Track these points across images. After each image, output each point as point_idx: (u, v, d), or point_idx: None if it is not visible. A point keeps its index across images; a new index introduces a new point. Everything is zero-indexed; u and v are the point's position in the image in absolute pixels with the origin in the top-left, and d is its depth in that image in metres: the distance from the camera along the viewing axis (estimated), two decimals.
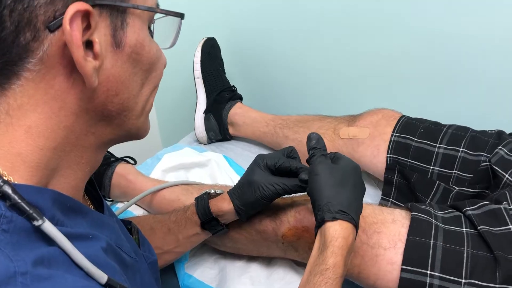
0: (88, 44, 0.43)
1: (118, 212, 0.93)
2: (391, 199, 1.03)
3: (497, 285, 0.68)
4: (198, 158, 1.16)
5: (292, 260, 0.89)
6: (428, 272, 0.70)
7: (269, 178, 0.76)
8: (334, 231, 0.62)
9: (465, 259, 0.70)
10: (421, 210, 0.78)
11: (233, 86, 1.37)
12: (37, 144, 0.44)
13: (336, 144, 1.10)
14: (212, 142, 1.37)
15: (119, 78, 0.47)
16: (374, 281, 0.75)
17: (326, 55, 1.32)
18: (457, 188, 0.91)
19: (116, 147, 0.57)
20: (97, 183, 1.00)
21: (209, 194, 0.83)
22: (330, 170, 0.67)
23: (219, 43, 1.39)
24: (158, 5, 0.51)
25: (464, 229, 0.74)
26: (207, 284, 0.88)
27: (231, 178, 1.12)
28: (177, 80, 1.47)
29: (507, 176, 0.84)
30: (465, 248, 0.71)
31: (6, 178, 0.42)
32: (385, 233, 0.76)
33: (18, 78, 0.42)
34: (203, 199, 0.81)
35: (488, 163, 0.88)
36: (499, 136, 0.93)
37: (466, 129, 0.98)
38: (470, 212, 0.76)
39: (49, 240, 0.42)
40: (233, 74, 1.44)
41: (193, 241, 0.83)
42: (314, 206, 0.66)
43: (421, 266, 0.71)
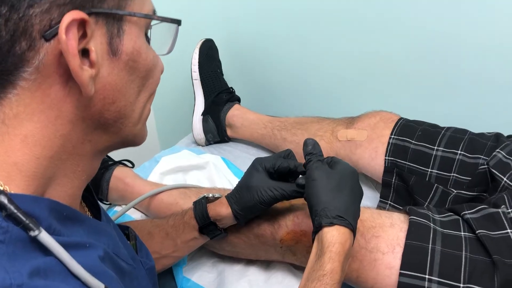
0: (84, 52, 0.43)
1: (116, 216, 0.93)
2: (389, 202, 1.03)
3: None
4: (196, 161, 1.16)
5: (290, 264, 0.89)
6: (427, 276, 0.70)
7: (268, 183, 0.76)
8: (331, 237, 0.62)
9: (463, 263, 0.70)
10: (419, 214, 0.78)
11: (231, 87, 1.36)
12: (34, 153, 0.44)
13: (334, 146, 1.10)
14: (210, 144, 1.36)
15: (115, 86, 0.46)
16: (372, 286, 0.75)
17: (324, 56, 1.31)
18: (455, 191, 0.91)
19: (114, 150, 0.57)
20: (95, 187, 1.01)
21: (207, 198, 0.82)
22: (327, 175, 0.67)
23: (217, 45, 1.38)
24: (155, 11, 0.51)
25: (462, 233, 0.74)
26: None
27: (229, 181, 1.12)
28: (175, 82, 1.47)
29: (505, 179, 0.84)
30: (464, 253, 0.71)
31: (2, 188, 0.41)
32: (383, 238, 0.75)
33: (14, 87, 0.42)
34: (201, 203, 0.80)
35: (486, 166, 0.88)
36: (497, 139, 0.93)
37: (464, 132, 0.97)
38: (468, 216, 0.76)
39: (45, 250, 0.41)
40: (231, 76, 1.44)
41: (191, 246, 0.83)
42: (311, 212, 0.66)
43: (420, 270, 0.71)
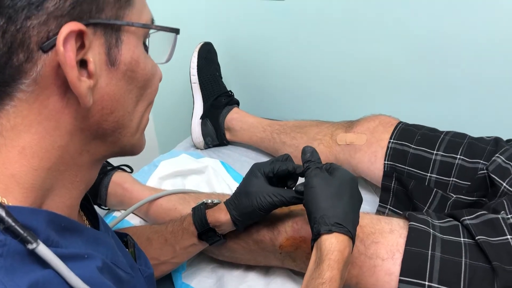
0: (82, 63, 0.43)
1: (114, 222, 0.92)
2: (388, 206, 1.02)
3: None
4: (195, 165, 1.16)
5: (290, 269, 0.88)
6: (426, 283, 0.70)
7: (267, 189, 0.76)
8: (330, 244, 0.62)
9: (463, 270, 0.70)
10: (418, 219, 0.77)
11: (230, 91, 1.36)
12: (31, 165, 0.43)
13: (334, 150, 1.10)
14: (209, 147, 1.36)
15: (114, 96, 0.46)
16: None
17: (323, 60, 1.31)
18: (455, 196, 0.91)
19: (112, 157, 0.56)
20: (94, 192, 1.00)
21: (206, 204, 0.82)
22: (326, 182, 0.67)
23: (215, 48, 1.38)
24: (153, 20, 0.51)
25: (462, 239, 0.74)
26: None
27: (228, 185, 1.11)
28: (174, 85, 1.46)
29: (504, 184, 0.84)
30: (463, 259, 0.71)
31: (0, 200, 0.41)
32: (383, 244, 0.75)
33: (11, 99, 0.42)
34: (200, 209, 0.80)
35: (485, 171, 0.88)
36: (496, 143, 0.93)
37: (463, 136, 0.97)
38: (468, 221, 0.76)
39: (43, 263, 0.41)
40: (230, 79, 1.44)
41: (190, 252, 0.83)
42: (310, 219, 0.66)
43: (419, 277, 0.71)
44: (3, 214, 0.39)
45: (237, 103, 1.37)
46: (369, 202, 1.08)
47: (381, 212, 1.03)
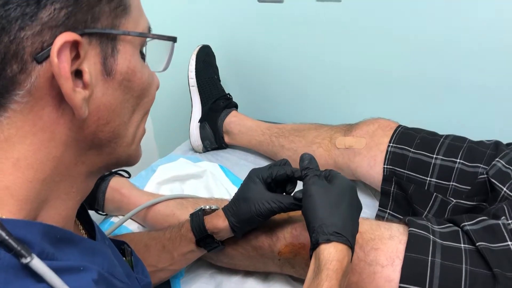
0: (78, 73, 0.42)
1: (112, 227, 0.92)
2: (388, 211, 1.02)
3: None
4: (193, 170, 1.15)
5: (289, 275, 0.88)
6: None
7: (265, 195, 0.75)
8: (328, 254, 0.61)
9: (463, 276, 0.69)
10: (418, 225, 0.77)
11: (228, 94, 1.36)
12: (26, 177, 0.43)
13: (333, 154, 1.10)
14: (208, 151, 1.35)
15: (110, 106, 0.45)
16: None
17: (322, 63, 1.31)
18: (455, 201, 0.91)
19: (108, 171, 0.56)
20: (91, 198, 1.00)
21: (204, 210, 0.82)
22: (324, 190, 0.66)
23: (214, 51, 1.38)
24: (150, 28, 0.50)
25: (462, 245, 0.73)
26: None
27: (227, 189, 1.11)
28: (172, 89, 1.46)
29: (504, 189, 0.83)
30: (464, 265, 0.70)
31: None
32: (382, 250, 0.75)
33: (5, 110, 0.41)
34: (198, 215, 0.79)
35: (485, 175, 0.87)
36: (497, 147, 0.92)
37: (463, 140, 0.97)
38: (468, 227, 0.76)
39: (38, 277, 0.40)
40: (228, 82, 1.43)
41: (188, 258, 0.82)
42: (309, 228, 0.65)
43: (419, 283, 0.70)
44: None
45: (235, 106, 1.36)
46: (368, 206, 1.08)
47: (380, 216, 1.02)
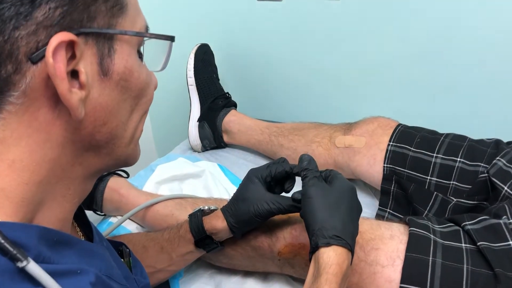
0: (74, 74, 0.41)
1: (111, 228, 0.91)
2: (388, 210, 1.01)
3: None
4: (192, 169, 1.14)
5: (288, 275, 0.87)
6: None
7: (264, 196, 0.74)
8: (328, 258, 0.60)
9: (464, 276, 0.69)
10: (419, 225, 0.76)
11: (227, 93, 1.35)
12: (22, 179, 0.42)
13: (332, 153, 1.09)
14: (207, 150, 1.35)
15: (106, 107, 0.45)
16: None
17: (322, 61, 1.30)
18: (455, 200, 0.90)
19: (106, 172, 0.55)
20: (89, 198, 0.99)
21: (202, 211, 0.81)
22: (323, 193, 0.65)
23: (212, 49, 1.37)
24: (147, 27, 0.49)
25: (463, 245, 0.73)
26: None
27: (226, 189, 1.10)
28: (170, 88, 1.45)
29: (506, 188, 0.83)
30: (465, 265, 0.70)
31: None
32: (383, 250, 0.74)
33: (0, 112, 0.40)
34: (197, 216, 0.79)
35: (486, 174, 0.87)
36: (497, 146, 0.92)
37: (463, 138, 0.96)
38: (469, 227, 0.75)
39: (34, 281, 0.40)
40: (227, 81, 1.43)
41: (187, 259, 0.82)
42: (308, 231, 0.65)
43: (420, 284, 0.69)
44: None
45: (234, 105, 1.35)
46: (368, 205, 1.07)
47: (380, 216, 1.02)
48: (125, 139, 0.49)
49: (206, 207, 0.83)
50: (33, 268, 0.39)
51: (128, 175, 1.05)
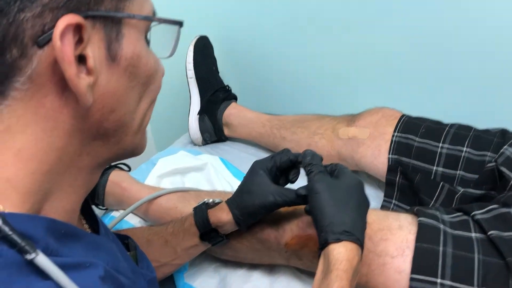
0: (81, 59, 0.40)
1: (113, 222, 0.90)
2: (393, 201, 1.00)
3: None
4: (194, 162, 1.13)
5: (295, 267, 0.86)
6: (439, 280, 0.68)
7: (270, 188, 0.73)
8: (338, 254, 0.59)
9: (476, 266, 0.68)
10: (427, 214, 0.75)
11: (227, 85, 1.33)
12: (28, 168, 0.40)
13: (336, 145, 1.08)
14: (207, 144, 1.33)
15: (115, 94, 0.43)
16: None
17: (323, 52, 1.29)
18: (462, 189, 0.89)
19: (113, 162, 0.54)
20: (91, 192, 0.97)
21: (207, 204, 0.80)
22: (331, 188, 0.64)
23: (211, 42, 1.35)
24: (155, 12, 0.48)
25: (473, 234, 0.72)
26: None
27: (229, 182, 1.09)
28: (169, 80, 1.42)
29: None
30: (476, 255, 0.69)
31: None
32: (391, 240, 0.73)
33: (5, 98, 0.39)
34: (202, 209, 0.78)
35: (494, 163, 0.86)
36: (503, 135, 0.91)
37: (468, 128, 0.95)
38: (479, 216, 0.74)
39: (43, 274, 0.38)
40: (227, 73, 1.41)
41: (192, 253, 0.81)
42: (317, 227, 0.64)
43: (431, 274, 0.68)
44: (0, 222, 0.37)
45: (235, 98, 1.34)
46: (372, 197, 1.06)
47: (386, 207, 1.01)
48: (133, 127, 0.48)
49: (211, 200, 0.81)
50: (42, 260, 0.38)
51: (129, 168, 1.03)
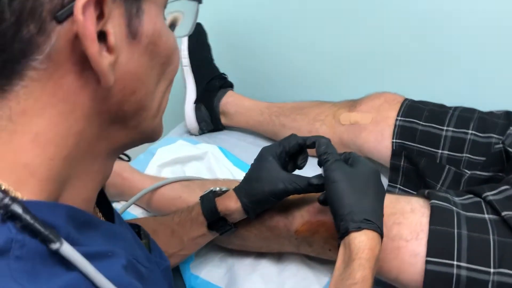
0: (101, 36, 0.37)
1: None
2: (398, 186, 1.00)
3: None
4: (193, 151, 1.11)
5: (304, 254, 0.85)
6: (455, 263, 0.67)
7: (280, 174, 0.72)
8: (360, 242, 0.59)
9: (492, 247, 0.67)
10: (439, 197, 0.75)
11: (223, 73, 1.31)
12: (46, 154, 0.38)
13: (337, 131, 1.07)
14: (204, 133, 1.31)
15: (135, 73, 0.41)
16: (396, 275, 0.72)
17: (322, 37, 1.27)
18: (470, 172, 0.89)
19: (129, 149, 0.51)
20: None
21: (214, 192, 0.78)
22: (348, 176, 0.64)
23: (205, 28, 1.32)
24: None
25: (487, 215, 0.72)
26: (215, 285, 0.84)
27: (230, 171, 1.07)
28: None
29: None
30: (491, 236, 0.68)
31: (13, 194, 0.36)
32: (405, 224, 0.72)
33: (21, 79, 0.36)
34: (209, 198, 0.76)
35: (501, 145, 0.86)
36: (508, 117, 0.91)
37: (472, 111, 0.95)
38: (491, 197, 0.74)
39: (67, 264, 0.36)
40: (222, 61, 1.38)
41: (199, 243, 0.79)
42: (335, 216, 0.63)
43: (447, 257, 0.68)
44: (20, 210, 0.34)
45: (231, 86, 1.31)
46: None
47: (391, 192, 1.00)
48: (152, 110, 0.45)
49: (218, 188, 0.80)
50: (68, 250, 0.36)
51: (129, 158, 1.00)
